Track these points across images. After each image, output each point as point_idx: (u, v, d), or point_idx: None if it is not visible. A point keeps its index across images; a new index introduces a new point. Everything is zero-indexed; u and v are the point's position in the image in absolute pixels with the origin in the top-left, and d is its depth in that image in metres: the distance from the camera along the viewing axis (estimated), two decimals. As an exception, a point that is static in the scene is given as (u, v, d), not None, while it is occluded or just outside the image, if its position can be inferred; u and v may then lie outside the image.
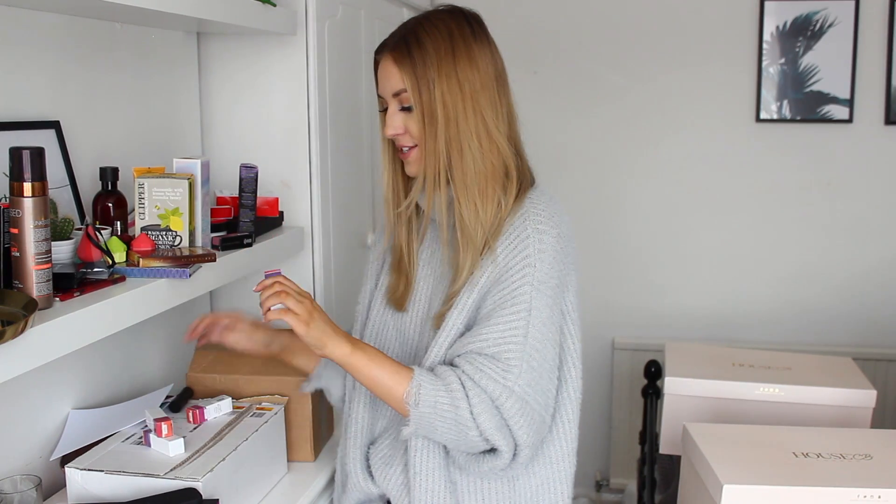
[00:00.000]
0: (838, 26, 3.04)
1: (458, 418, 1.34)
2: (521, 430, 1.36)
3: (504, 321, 1.38)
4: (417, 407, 1.35)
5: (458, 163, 1.42)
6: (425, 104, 1.41)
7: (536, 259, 1.40)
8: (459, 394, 1.34)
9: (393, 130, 1.45)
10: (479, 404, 1.34)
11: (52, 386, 1.61)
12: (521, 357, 1.37)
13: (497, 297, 1.39)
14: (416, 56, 1.41)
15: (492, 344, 1.37)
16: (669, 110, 3.21)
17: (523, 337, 1.37)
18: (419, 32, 1.43)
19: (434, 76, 1.40)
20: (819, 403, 2.23)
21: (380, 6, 2.55)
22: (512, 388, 1.35)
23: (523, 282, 1.39)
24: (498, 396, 1.34)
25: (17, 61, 1.53)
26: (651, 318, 3.32)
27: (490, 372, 1.35)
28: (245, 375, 1.74)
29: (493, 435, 1.35)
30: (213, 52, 2.12)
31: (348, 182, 2.32)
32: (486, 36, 1.47)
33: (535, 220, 1.42)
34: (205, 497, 1.38)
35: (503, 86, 1.47)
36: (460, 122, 1.41)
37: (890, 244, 3.16)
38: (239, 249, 1.76)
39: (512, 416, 1.35)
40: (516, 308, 1.38)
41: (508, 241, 1.41)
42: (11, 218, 1.22)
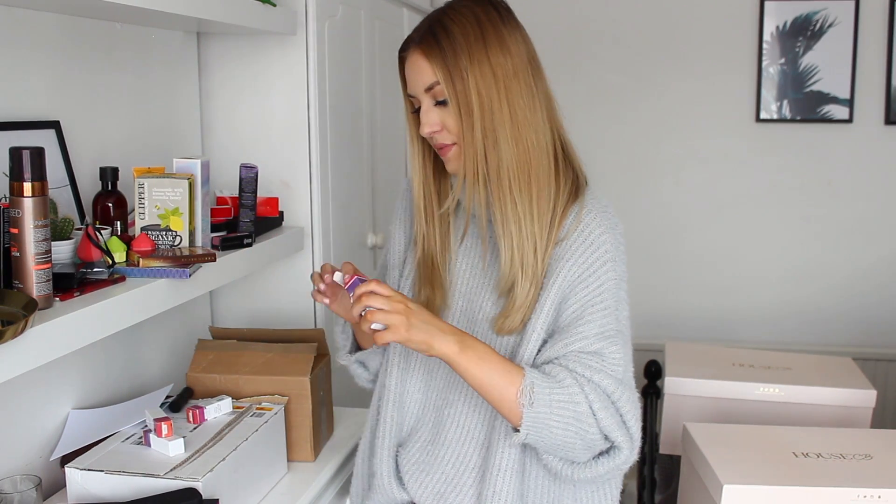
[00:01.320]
0: (838, 26, 3.04)
1: (578, 415, 1.28)
2: (634, 422, 1.33)
3: (598, 318, 1.35)
4: (532, 406, 1.27)
5: (493, 155, 1.35)
6: (460, 95, 1.34)
7: (615, 254, 1.40)
8: (576, 389, 1.29)
9: (430, 128, 1.38)
10: (598, 400, 1.29)
11: (52, 386, 1.61)
12: (623, 352, 1.36)
13: (584, 296, 1.36)
14: (445, 46, 1.35)
15: (593, 341, 1.34)
16: (669, 110, 3.22)
17: (617, 331, 1.37)
18: (445, 21, 1.37)
19: (466, 64, 1.33)
20: (819, 403, 2.23)
21: (380, 6, 2.55)
22: (622, 380, 1.34)
23: (607, 277, 1.38)
24: (613, 391, 1.31)
25: (17, 61, 1.53)
26: (651, 318, 3.32)
27: (600, 368, 1.32)
28: (245, 375, 1.74)
29: (612, 430, 1.30)
30: (213, 52, 2.12)
31: (348, 182, 2.32)
32: (514, 20, 1.41)
33: (604, 216, 1.41)
34: (205, 497, 1.37)
35: (537, 70, 1.41)
36: (494, 112, 1.34)
37: (890, 244, 3.16)
38: (239, 249, 1.76)
39: (627, 409, 1.32)
40: (605, 304, 1.36)
41: (583, 239, 1.38)
42: (11, 218, 1.22)
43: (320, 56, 2.10)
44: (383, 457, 1.50)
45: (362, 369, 1.62)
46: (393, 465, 1.50)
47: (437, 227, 1.47)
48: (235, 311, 2.20)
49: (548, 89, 1.43)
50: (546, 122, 1.40)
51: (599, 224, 1.40)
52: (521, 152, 1.36)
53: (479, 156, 1.36)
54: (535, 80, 1.39)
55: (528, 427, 1.28)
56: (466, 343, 1.30)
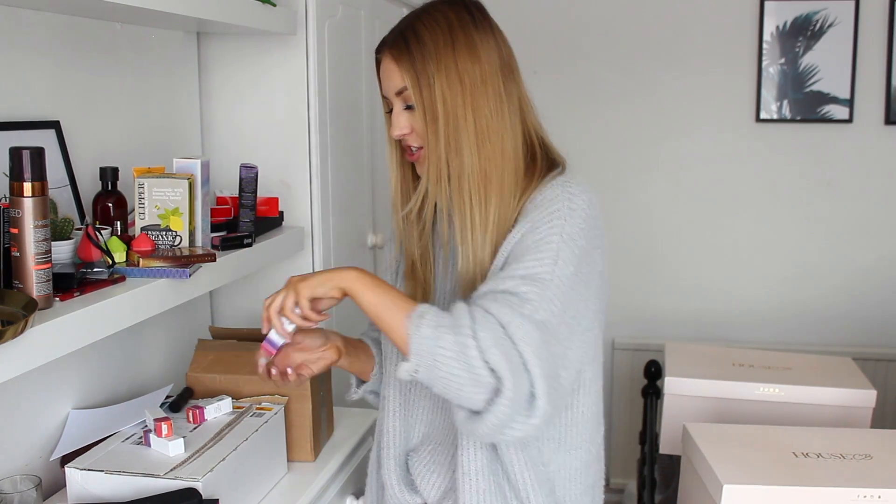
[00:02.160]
0: (838, 26, 3.04)
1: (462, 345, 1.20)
2: (535, 359, 1.21)
3: (526, 265, 1.29)
4: (418, 331, 1.22)
5: (455, 162, 1.36)
6: (426, 101, 1.35)
7: (566, 214, 1.33)
8: (465, 315, 1.22)
9: (399, 131, 1.40)
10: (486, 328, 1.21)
11: (52, 386, 1.61)
12: (541, 297, 1.26)
13: (523, 247, 1.32)
14: (414, 51, 1.35)
15: (512, 285, 1.27)
16: (669, 110, 3.22)
17: (547, 281, 1.27)
18: (417, 26, 1.37)
19: (434, 71, 1.34)
20: (819, 403, 2.23)
21: (380, 6, 2.55)
22: (527, 315, 1.23)
23: (552, 232, 1.31)
24: (510, 321, 1.22)
25: (17, 61, 1.53)
26: (651, 318, 3.32)
27: (505, 302, 1.24)
28: (245, 375, 1.73)
29: (498, 362, 1.19)
30: (213, 52, 2.12)
31: (348, 182, 2.32)
32: (488, 23, 1.39)
33: (565, 185, 1.37)
34: (205, 497, 1.37)
35: (510, 75, 1.40)
36: (458, 119, 1.34)
37: (890, 244, 3.16)
38: (239, 249, 1.76)
39: (524, 341, 1.21)
40: (541, 255, 1.29)
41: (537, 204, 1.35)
42: (11, 218, 1.22)
43: (320, 56, 2.10)
44: (390, 467, 1.50)
45: (375, 397, 1.62)
46: (402, 473, 1.50)
47: (414, 226, 1.47)
48: (235, 311, 2.20)
49: (522, 93, 1.43)
50: (518, 125, 1.40)
51: (554, 189, 1.36)
52: (484, 160, 1.36)
53: (441, 162, 1.36)
54: (505, 86, 1.38)
55: (414, 354, 1.22)
56: (366, 276, 1.30)
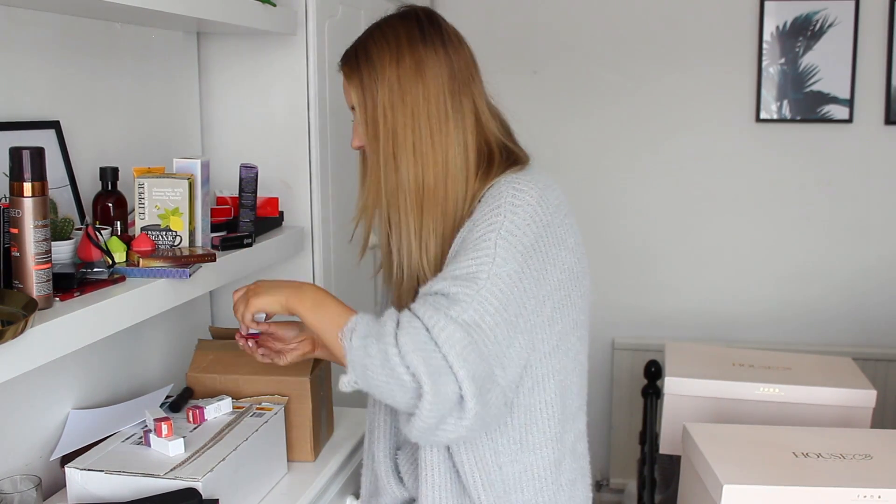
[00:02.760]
0: (838, 26, 3.04)
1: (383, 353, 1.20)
2: (459, 360, 1.19)
3: (462, 265, 1.28)
4: (350, 342, 1.23)
5: (392, 179, 1.37)
6: (370, 119, 1.38)
7: (507, 210, 1.31)
8: (390, 324, 1.23)
9: (354, 144, 1.44)
10: (409, 334, 1.20)
11: (52, 386, 1.61)
12: (474, 296, 1.24)
13: (461, 247, 1.32)
14: (363, 69, 1.38)
15: (443, 286, 1.26)
16: (669, 110, 3.22)
17: (482, 280, 1.26)
18: (368, 43, 1.40)
19: (377, 88, 1.36)
20: (819, 403, 2.23)
21: (380, 6, 2.54)
22: (455, 318, 1.22)
23: (489, 230, 1.29)
24: (434, 324, 1.20)
25: (17, 61, 1.54)
26: (651, 318, 3.32)
27: (434, 304, 1.24)
28: (245, 375, 1.74)
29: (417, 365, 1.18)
30: (213, 52, 2.12)
31: (348, 182, 2.32)
32: (439, 37, 1.39)
33: (512, 182, 1.34)
34: (205, 497, 1.37)
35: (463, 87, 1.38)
36: (398, 136, 1.35)
37: (890, 244, 3.16)
38: (239, 249, 1.76)
39: (450, 345, 1.19)
40: (477, 254, 1.28)
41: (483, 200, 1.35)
42: (11, 218, 1.22)
43: (320, 56, 2.10)
44: (380, 459, 1.54)
45: None
46: (391, 465, 1.53)
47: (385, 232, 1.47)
48: (235, 311, 2.20)
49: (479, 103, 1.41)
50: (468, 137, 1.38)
51: (500, 187, 1.34)
52: (421, 176, 1.36)
53: (380, 178, 1.39)
54: (452, 101, 1.37)
55: (349, 365, 1.24)
56: (304, 292, 1.35)
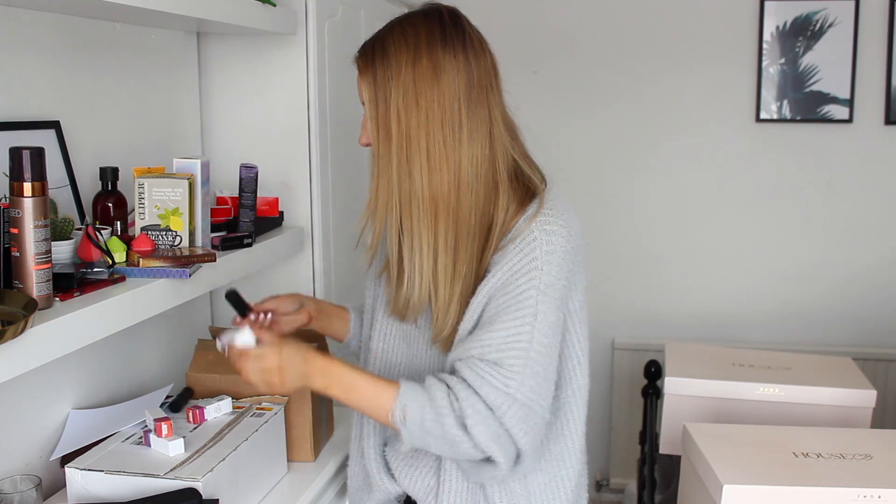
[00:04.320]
0: (838, 26, 3.04)
1: (445, 435, 1.30)
2: (525, 438, 1.31)
3: (508, 326, 1.33)
4: (405, 425, 1.32)
5: (405, 184, 1.35)
6: (381, 118, 1.35)
7: (544, 262, 1.34)
8: (445, 406, 1.30)
9: (363, 140, 1.43)
10: (474, 415, 1.29)
11: (52, 386, 1.61)
12: (525, 364, 1.32)
13: (502, 301, 1.34)
14: (377, 66, 1.35)
15: (494, 350, 1.32)
16: (669, 110, 3.21)
17: (528, 342, 1.32)
18: (386, 39, 1.37)
19: (391, 88, 1.34)
20: (819, 403, 2.23)
21: (380, 6, 2.55)
22: (514, 395, 1.30)
23: (529, 286, 1.33)
24: (500, 405, 1.30)
25: (17, 61, 1.53)
26: (651, 318, 3.32)
27: (491, 379, 1.30)
28: (245, 375, 1.73)
29: (488, 446, 1.30)
30: (213, 52, 2.12)
31: (348, 182, 2.32)
32: (460, 41, 1.36)
33: (542, 222, 1.36)
34: (205, 497, 1.37)
35: (480, 97, 1.36)
36: (412, 141, 1.33)
37: (890, 244, 3.16)
38: (239, 249, 1.76)
39: (514, 424, 1.30)
40: (521, 313, 1.33)
41: (515, 245, 1.35)
42: (11, 218, 1.22)
43: (320, 56, 2.10)
44: (370, 456, 1.54)
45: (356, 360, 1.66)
46: (382, 462, 1.54)
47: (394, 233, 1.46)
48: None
49: (495, 115, 1.39)
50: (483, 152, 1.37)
51: (532, 231, 1.35)
52: (434, 186, 1.35)
53: (392, 182, 1.36)
54: (467, 110, 1.35)
55: (407, 440, 1.34)
56: (332, 379, 1.36)
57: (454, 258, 1.37)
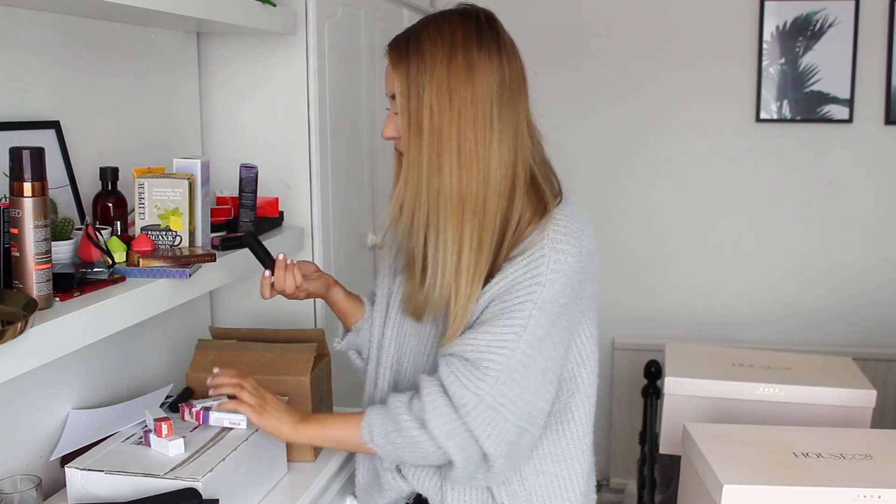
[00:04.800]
0: (838, 26, 3.04)
1: (408, 439, 1.36)
2: (489, 440, 1.33)
3: (496, 331, 1.34)
4: (375, 443, 1.39)
5: (434, 180, 1.36)
6: (413, 113, 1.35)
7: (547, 279, 1.35)
8: (407, 418, 1.36)
9: (388, 133, 1.42)
10: (433, 411, 1.33)
11: (52, 386, 1.61)
12: (502, 369, 1.33)
13: (498, 308, 1.36)
14: (411, 60, 1.35)
15: (475, 350, 1.34)
16: (669, 110, 3.21)
17: (511, 350, 1.33)
18: (421, 34, 1.37)
19: (425, 84, 1.34)
20: (819, 403, 2.23)
21: (380, 6, 2.55)
22: (483, 397, 1.32)
23: (527, 299, 1.34)
24: (465, 404, 1.32)
25: (17, 61, 1.53)
26: (651, 318, 3.32)
27: (463, 378, 1.33)
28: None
29: (444, 442, 1.34)
30: (213, 52, 2.12)
31: (348, 182, 2.32)
32: (495, 43, 1.38)
33: (554, 239, 1.36)
34: (205, 497, 1.37)
35: (509, 99, 1.38)
36: (443, 138, 1.33)
37: (890, 244, 3.16)
38: (239, 249, 1.76)
39: (477, 425, 1.32)
40: (512, 322, 1.34)
41: (524, 257, 1.36)
42: (11, 218, 1.22)
43: (320, 56, 2.10)
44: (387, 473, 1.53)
45: (358, 359, 1.66)
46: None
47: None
48: (235, 311, 2.20)
49: (519, 118, 1.40)
50: (509, 154, 1.38)
51: (542, 248, 1.36)
52: (464, 184, 1.35)
53: (422, 176, 1.37)
54: (498, 111, 1.36)
55: (385, 457, 1.42)
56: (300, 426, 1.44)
57: (476, 258, 1.38)
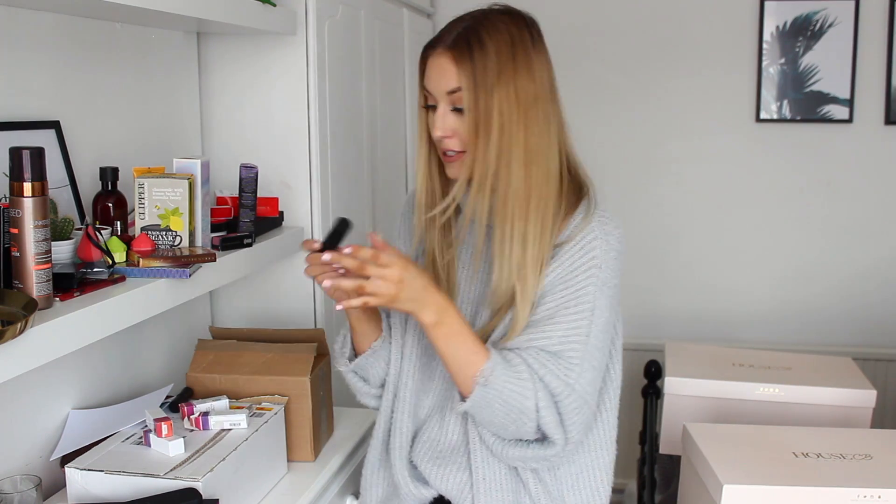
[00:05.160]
0: (838, 26, 3.04)
1: (522, 409, 1.35)
2: (575, 427, 1.38)
3: (568, 320, 1.39)
4: (485, 387, 1.35)
5: (504, 174, 1.38)
6: (481, 110, 1.36)
7: (602, 260, 1.41)
8: (529, 385, 1.35)
9: (442, 132, 1.40)
10: (544, 399, 1.35)
11: (52, 386, 1.61)
12: (583, 356, 1.39)
13: (562, 296, 1.40)
14: (476, 58, 1.36)
15: (556, 342, 1.38)
16: (669, 111, 3.21)
17: (585, 336, 1.39)
18: (482, 33, 1.38)
19: (493, 82, 1.36)
20: (819, 403, 2.23)
21: (380, 6, 2.55)
22: (573, 385, 1.37)
23: (588, 282, 1.40)
24: (559, 393, 1.36)
25: (17, 61, 1.53)
26: (651, 318, 3.32)
27: (553, 368, 1.37)
28: (245, 375, 1.74)
29: (551, 428, 1.37)
30: (213, 52, 2.12)
31: (348, 182, 2.32)
32: (544, 44, 1.44)
33: (601, 222, 1.44)
34: (205, 497, 1.37)
35: (555, 95, 1.45)
36: (512, 134, 1.37)
37: (890, 244, 3.16)
38: (239, 249, 1.76)
39: (570, 413, 1.37)
40: (580, 308, 1.39)
41: (576, 244, 1.41)
42: (11, 218, 1.22)
43: (320, 56, 2.10)
44: (398, 466, 1.51)
45: (362, 383, 1.59)
46: (409, 468, 1.51)
47: (435, 227, 1.49)
48: (235, 311, 2.20)
49: (562, 114, 1.46)
50: (556, 147, 1.43)
51: (593, 230, 1.43)
52: (530, 178, 1.39)
53: (489, 172, 1.39)
54: (551, 107, 1.43)
55: (473, 401, 1.36)
56: (444, 319, 1.36)
57: (540, 248, 1.41)
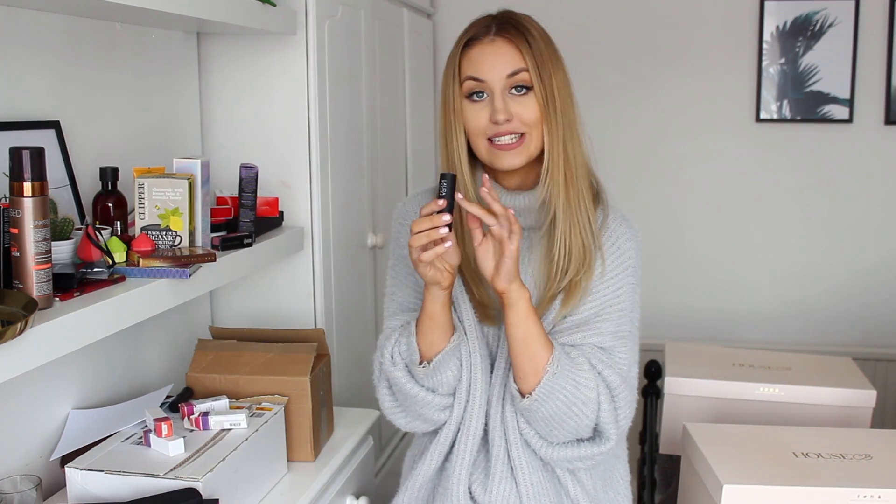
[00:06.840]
0: (838, 26, 3.04)
1: (586, 400, 1.39)
2: (625, 422, 1.46)
3: (614, 319, 1.46)
4: (554, 377, 1.37)
5: (570, 145, 1.46)
6: (547, 87, 1.43)
7: (635, 260, 1.51)
8: (591, 377, 1.40)
9: (505, 115, 1.42)
10: (604, 393, 1.41)
11: (52, 386, 1.61)
12: (630, 353, 1.48)
13: (604, 295, 1.47)
14: (532, 42, 1.44)
15: (608, 338, 1.45)
16: (669, 111, 3.21)
17: (629, 333, 1.48)
18: (523, 22, 1.47)
19: (550, 65, 1.44)
20: (819, 403, 2.23)
21: (380, 6, 2.55)
22: (627, 380, 1.45)
23: (626, 281, 1.48)
24: (616, 387, 1.42)
25: (17, 61, 1.53)
26: (651, 318, 3.31)
27: (609, 363, 1.43)
28: (245, 375, 1.74)
29: (608, 423, 1.42)
30: (213, 52, 2.12)
31: (348, 182, 2.32)
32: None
33: (627, 221, 1.52)
34: (205, 497, 1.37)
35: None
36: (567, 111, 1.46)
37: (890, 244, 3.16)
38: (239, 249, 1.76)
39: (623, 407, 1.44)
40: (622, 306, 1.47)
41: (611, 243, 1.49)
42: (11, 218, 1.22)
43: (320, 56, 2.10)
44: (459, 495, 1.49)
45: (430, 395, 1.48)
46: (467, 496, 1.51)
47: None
48: (235, 311, 2.20)
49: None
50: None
51: (625, 231, 1.50)
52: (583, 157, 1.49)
53: (560, 145, 1.44)
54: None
55: (540, 392, 1.37)
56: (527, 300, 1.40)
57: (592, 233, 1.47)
